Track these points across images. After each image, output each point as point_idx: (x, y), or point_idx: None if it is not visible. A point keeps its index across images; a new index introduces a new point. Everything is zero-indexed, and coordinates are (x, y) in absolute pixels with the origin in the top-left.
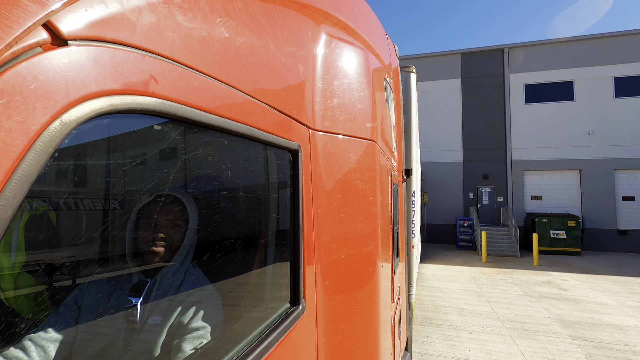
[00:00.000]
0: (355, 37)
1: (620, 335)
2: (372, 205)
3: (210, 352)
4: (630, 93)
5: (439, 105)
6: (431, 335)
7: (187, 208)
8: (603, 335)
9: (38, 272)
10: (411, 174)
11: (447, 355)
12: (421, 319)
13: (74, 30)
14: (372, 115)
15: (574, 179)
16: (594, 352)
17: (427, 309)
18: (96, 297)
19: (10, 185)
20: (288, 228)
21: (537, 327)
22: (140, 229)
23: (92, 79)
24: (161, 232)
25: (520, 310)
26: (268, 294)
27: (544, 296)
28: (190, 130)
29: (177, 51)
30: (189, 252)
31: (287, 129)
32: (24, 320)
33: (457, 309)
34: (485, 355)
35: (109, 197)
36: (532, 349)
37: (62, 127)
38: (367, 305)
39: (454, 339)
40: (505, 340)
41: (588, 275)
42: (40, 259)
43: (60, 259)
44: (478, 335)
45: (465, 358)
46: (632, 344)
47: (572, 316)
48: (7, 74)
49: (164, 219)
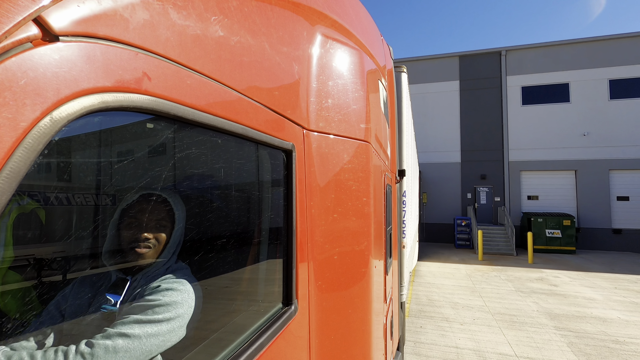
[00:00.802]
0: (350, 38)
1: (603, 327)
2: (365, 206)
3: (202, 353)
4: (625, 95)
5: (438, 107)
6: (424, 326)
7: (174, 208)
8: (586, 327)
9: (26, 270)
10: (404, 175)
11: (438, 343)
12: (416, 311)
13: (65, 26)
14: (366, 116)
15: (569, 179)
16: (575, 341)
17: (422, 303)
18: (80, 297)
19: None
20: (281, 228)
21: (525, 319)
22: (123, 228)
23: (83, 76)
24: (145, 232)
25: (510, 304)
26: (261, 294)
27: (535, 291)
28: (183, 129)
29: (171, 49)
30: (175, 252)
31: (281, 129)
32: (10, 320)
33: (451, 303)
34: (474, 343)
35: (98, 195)
36: (518, 338)
37: (52, 124)
38: (359, 305)
39: (446, 330)
40: (494, 330)
41: (580, 273)
42: (28, 256)
43: (50, 256)
44: (469, 326)
45: (455, 346)
46: (612, 334)
47: (559, 310)
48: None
49: (149, 218)
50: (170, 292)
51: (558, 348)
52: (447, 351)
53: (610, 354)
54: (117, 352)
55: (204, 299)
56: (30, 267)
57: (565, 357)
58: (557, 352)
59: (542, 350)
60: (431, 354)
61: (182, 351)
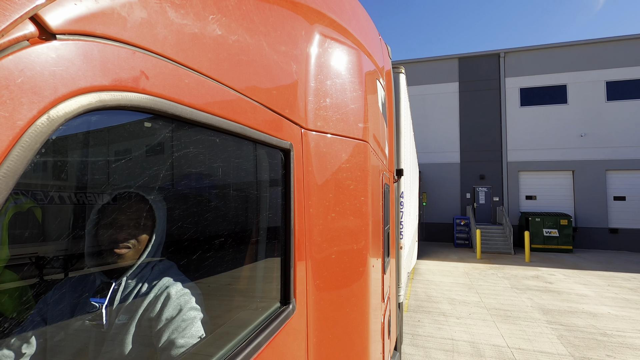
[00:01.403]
0: (348, 37)
1: (593, 321)
2: (363, 205)
3: (198, 352)
4: (621, 96)
5: (437, 108)
6: (422, 320)
7: (154, 207)
8: (577, 321)
9: (23, 269)
10: (402, 174)
11: (435, 335)
12: (414, 307)
13: (62, 24)
14: (364, 116)
15: (567, 180)
16: (565, 334)
17: (420, 299)
18: (62, 302)
19: None
20: (279, 227)
21: (518, 314)
22: (100, 228)
23: (80, 74)
24: (123, 233)
25: (505, 300)
26: (258, 293)
27: (530, 288)
28: (181, 128)
29: (169, 48)
30: (158, 251)
31: (279, 128)
32: (7, 319)
33: (448, 299)
34: (469, 336)
35: (94, 194)
36: (511, 331)
37: (49, 122)
38: (357, 304)
39: (443, 323)
40: (489, 324)
41: (575, 271)
42: (30, 255)
43: (47, 255)
44: (464, 320)
45: (451, 338)
46: (601, 328)
47: (552, 305)
48: None
49: (126, 218)
50: (180, 290)
51: (548, 340)
52: (443, 343)
53: (597, 345)
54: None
55: (203, 298)
56: (28, 266)
57: (554, 348)
58: (547, 343)
59: (533, 342)
60: (428, 345)
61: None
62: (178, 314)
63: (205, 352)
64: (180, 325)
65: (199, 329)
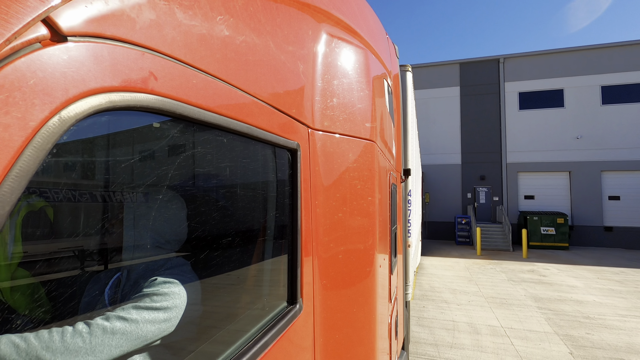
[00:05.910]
0: (355, 36)
1: (579, 307)
2: (370, 205)
3: (205, 351)
4: (616, 100)
5: (439, 112)
6: (427, 306)
7: (176, 207)
8: (564, 307)
9: (35, 267)
10: (410, 174)
11: (438, 318)
12: (419, 296)
13: (73, 26)
14: (371, 115)
15: (564, 180)
16: (553, 317)
17: (424, 290)
18: (77, 297)
19: (8, 181)
20: (286, 227)
21: (512, 301)
22: (122, 226)
23: (91, 76)
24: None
25: (502, 290)
26: (265, 293)
27: (525, 281)
28: (189, 128)
29: (177, 49)
30: (171, 248)
31: (286, 128)
32: (20, 316)
33: (450, 289)
34: (468, 318)
35: (105, 194)
36: (505, 315)
37: (60, 123)
38: (364, 304)
39: (445, 309)
40: (485, 310)
41: (569, 266)
42: (37, 254)
43: (58, 253)
44: (464, 306)
45: (452, 320)
46: (585, 312)
47: (544, 294)
48: (5, 70)
49: (147, 216)
50: (168, 284)
51: (537, 322)
52: (446, 324)
53: (580, 325)
54: (114, 333)
55: (209, 297)
56: (39, 263)
57: (542, 327)
58: (535, 324)
59: (523, 323)
60: (432, 325)
61: (186, 348)
62: (147, 287)
63: (212, 351)
64: (140, 298)
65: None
